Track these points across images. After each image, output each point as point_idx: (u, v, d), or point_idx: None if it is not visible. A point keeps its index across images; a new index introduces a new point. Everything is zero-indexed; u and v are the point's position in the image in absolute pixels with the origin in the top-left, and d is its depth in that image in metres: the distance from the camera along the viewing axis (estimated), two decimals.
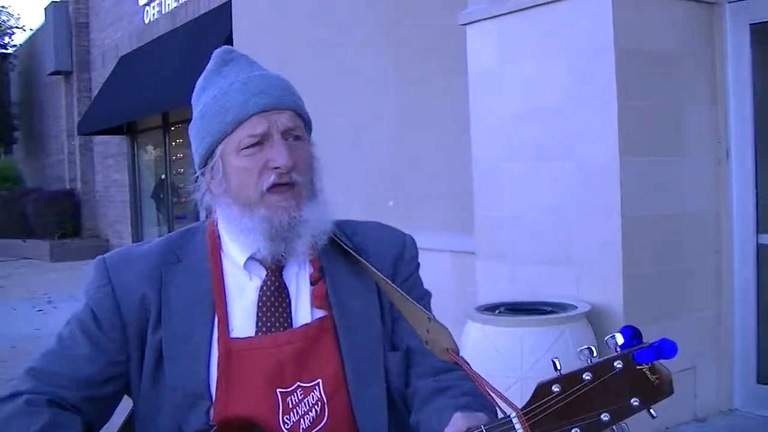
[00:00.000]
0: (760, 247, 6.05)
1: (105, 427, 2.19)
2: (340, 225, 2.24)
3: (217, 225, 2.20)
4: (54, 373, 2.07)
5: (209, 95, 2.12)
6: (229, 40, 12.62)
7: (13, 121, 28.82)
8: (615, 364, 1.61)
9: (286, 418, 2.05)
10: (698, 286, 6.02)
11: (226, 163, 2.08)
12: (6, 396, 2.07)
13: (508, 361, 5.18)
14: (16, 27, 35.17)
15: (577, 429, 1.63)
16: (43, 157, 27.71)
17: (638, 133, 5.66)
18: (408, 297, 2.06)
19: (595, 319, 5.60)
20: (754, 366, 6.05)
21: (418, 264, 2.33)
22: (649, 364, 1.60)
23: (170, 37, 17.84)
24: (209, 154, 2.12)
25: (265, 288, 2.13)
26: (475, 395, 2.06)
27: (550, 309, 5.66)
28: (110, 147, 22.44)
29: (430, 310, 2.26)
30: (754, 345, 6.06)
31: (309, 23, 9.85)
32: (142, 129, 20.82)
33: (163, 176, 20.21)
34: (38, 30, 27.09)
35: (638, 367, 1.60)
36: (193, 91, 2.16)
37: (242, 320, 2.11)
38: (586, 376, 1.62)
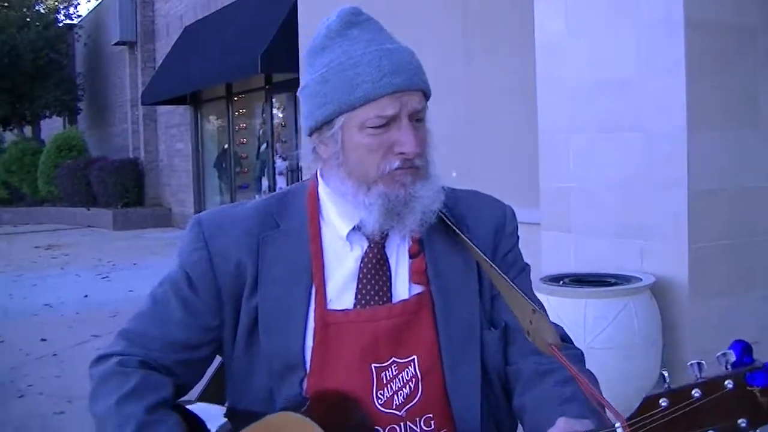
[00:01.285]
0: None
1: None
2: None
3: (318, 190, 2.15)
4: (147, 335, 2.07)
5: (334, 58, 2.01)
6: (294, 11, 12.65)
7: (78, 91, 29.08)
8: (726, 383, 1.57)
9: (380, 393, 2.02)
10: (764, 260, 5.97)
11: (347, 137, 2.00)
12: (98, 357, 2.09)
13: (572, 332, 5.09)
14: None
15: None
16: (107, 127, 27.98)
17: (707, 106, 5.61)
18: (514, 285, 1.99)
19: (659, 292, 5.59)
20: None
21: (518, 237, 2.28)
22: (760, 387, 1.57)
23: (234, 7, 17.89)
24: (327, 122, 2.01)
25: (366, 260, 2.08)
26: (577, 385, 2.01)
27: (614, 281, 5.65)
28: (174, 117, 22.61)
29: (530, 282, 2.25)
30: None
31: None
32: (205, 99, 20.94)
33: (226, 146, 20.33)
34: (103, 1, 27.30)
35: (749, 389, 1.57)
36: (257, 62, 2.08)
37: (340, 291, 2.07)
38: (696, 393, 1.58)
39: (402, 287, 2.09)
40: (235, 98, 19.62)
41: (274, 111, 17.75)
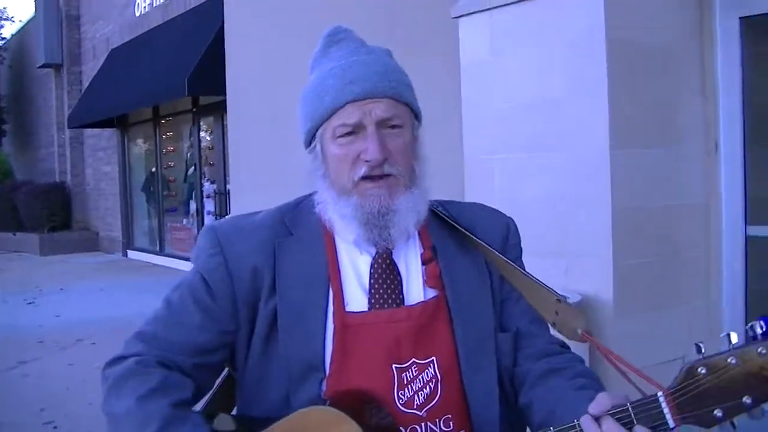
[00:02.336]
0: (748, 239, 6.09)
1: None
2: (445, 205, 2.28)
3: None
4: (164, 338, 2.10)
5: (313, 77, 2.17)
6: (221, 33, 12.63)
7: (2, 114, 28.73)
8: (759, 350, 1.69)
9: (401, 394, 2.07)
10: (688, 276, 6.06)
11: (325, 147, 2.13)
12: (113, 359, 2.11)
13: None
14: (5, 19, 35.10)
15: (720, 410, 1.72)
16: (33, 150, 27.68)
17: (629, 125, 5.69)
18: (533, 276, 2.11)
19: (585, 309, 5.64)
20: None
21: (521, 249, 2.40)
22: None
23: (161, 30, 17.84)
24: (311, 137, 2.16)
25: (375, 265, 2.15)
26: (590, 377, 2.13)
27: None
28: (101, 140, 22.44)
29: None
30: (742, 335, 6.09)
31: (301, 16, 9.86)
32: (132, 122, 20.83)
33: (153, 169, 20.23)
34: (28, 22, 27.04)
35: None
36: (184, 84, 2.18)
37: (356, 295, 2.14)
38: (731, 360, 1.70)
39: (416, 291, 2.17)
40: (163, 121, 19.55)
41: (202, 134, 17.71)
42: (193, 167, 18.04)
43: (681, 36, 6.03)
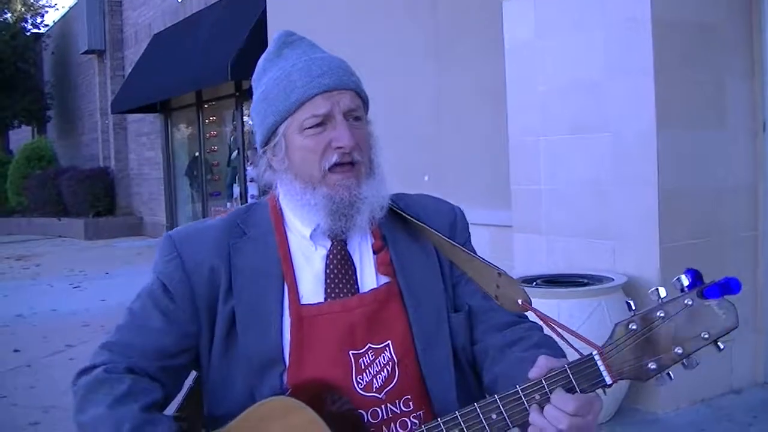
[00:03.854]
0: None
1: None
2: (395, 198, 2.30)
3: (278, 200, 2.27)
4: (129, 345, 2.15)
5: (271, 77, 2.19)
6: (263, 18, 12.65)
7: (47, 100, 28.93)
8: (686, 301, 1.79)
9: (359, 379, 2.12)
10: (735, 258, 6.02)
11: (289, 141, 2.16)
12: (81, 370, 2.15)
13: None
14: (49, 6, 35.32)
15: (653, 362, 1.82)
16: (77, 136, 27.85)
17: (675, 105, 5.66)
18: (474, 254, 2.15)
19: (631, 291, 5.63)
20: None
21: (470, 234, 2.40)
22: (717, 299, 1.78)
23: (203, 15, 17.85)
24: (271, 134, 2.19)
25: (331, 257, 2.20)
26: (547, 345, 2.15)
27: (586, 281, 5.69)
28: (144, 125, 22.53)
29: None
30: None
31: (345, 1, 9.87)
32: (175, 107, 20.88)
33: (196, 154, 20.26)
34: (71, 9, 27.18)
35: (707, 303, 1.78)
36: (226, 69, 2.21)
37: (311, 287, 2.18)
38: (660, 313, 1.80)
39: (369, 279, 2.22)
40: (205, 106, 19.57)
41: (245, 118, 17.72)
42: (236, 151, 18.06)
43: (728, 15, 5.98)
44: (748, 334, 6.04)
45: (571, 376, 1.84)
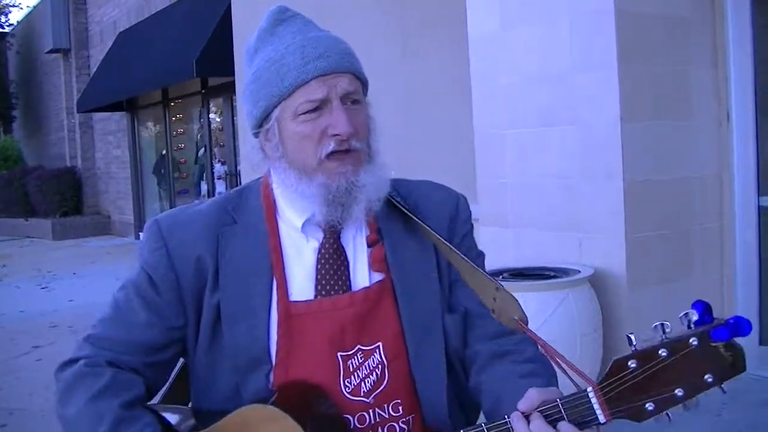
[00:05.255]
0: (761, 210, 6.08)
1: None
2: (395, 184, 2.20)
3: (271, 187, 2.17)
4: (113, 339, 2.08)
5: (263, 57, 2.07)
6: (228, 14, 12.61)
7: (12, 100, 28.74)
8: (691, 341, 1.64)
9: (347, 382, 2.05)
10: (701, 249, 6.05)
11: (283, 127, 2.05)
12: (64, 363, 2.09)
13: None
14: (13, 5, 35.09)
15: (651, 404, 1.68)
16: (44, 136, 27.66)
17: (640, 97, 5.67)
18: (475, 265, 2.04)
19: (598, 283, 5.64)
20: (757, 328, 6.07)
21: (472, 224, 2.32)
22: (724, 342, 1.64)
23: (168, 12, 17.77)
24: (264, 117, 2.08)
25: (323, 251, 2.11)
26: (538, 361, 2.08)
27: (553, 274, 5.69)
28: (110, 123, 22.40)
29: (485, 270, 2.24)
30: (756, 307, 6.09)
31: None
32: (141, 105, 20.76)
33: (164, 152, 20.16)
34: (35, 8, 27.00)
35: (713, 345, 1.64)
36: (192, 66, 2.11)
37: (301, 283, 2.10)
38: (662, 353, 1.66)
39: (362, 276, 2.13)
40: (172, 103, 19.49)
41: (212, 115, 17.67)
42: (203, 149, 18.00)
43: (692, 6, 6.00)
44: None
45: (563, 411, 1.73)
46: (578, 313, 5.37)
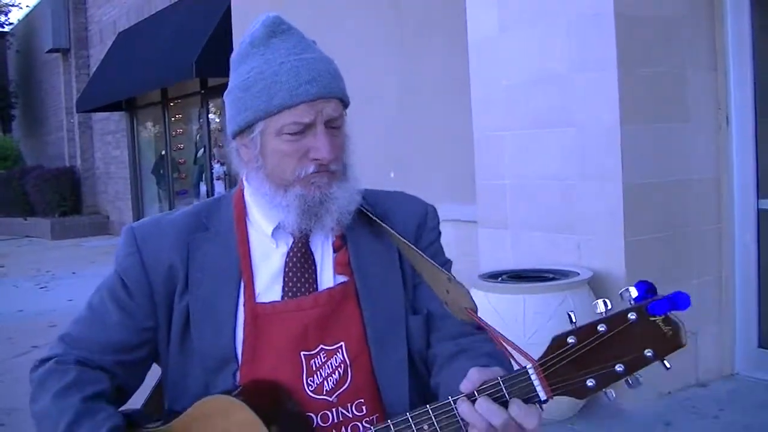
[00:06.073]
0: (760, 212, 6.07)
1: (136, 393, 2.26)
2: (365, 194, 2.24)
3: (243, 193, 2.23)
4: (85, 338, 2.15)
5: (254, 67, 2.09)
6: (228, 15, 12.61)
7: (11, 99, 28.75)
8: (629, 315, 1.64)
9: (310, 380, 2.09)
10: (700, 251, 6.04)
11: (265, 141, 2.08)
12: (37, 362, 2.16)
13: (512, 328, 5.21)
14: (12, 5, 35.07)
15: (592, 379, 1.68)
16: (43, 135, 27.67)
17: (639, 99, 5.67)
18: (428, 258, 2.09)
19: (597, 285, 5.64)
20: (755, 330, 6.09)
21: (440, 233, 2.35)
22: (663, 316, 1.64)
23: (168, 12, 17.77)
24: (247, 127, 2.10)
25: (291, 254, 2.16)
26: (494, 356, 2.08)
27: (552, 276, 5.69)
28: (109, 124, 22.41)
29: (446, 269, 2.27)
30: (755, 309, 6.09)
31: None
32: (141, 105, 20.77)
33: (163, 152, 20.17)
34: (35, 8, 27.01)
35: (652, 319, 1.64)
36: (191, 66, 2.13)
37: (268, 285, 2.15)
38: (601, 328, 1.65)
39: (327, 278, 2.18)
40: (171, 104, 19.49)
41: (211, 116, 17.67)
42: (202, 149, 18.01)
43: (690, 9, 5.99)
44: (712, 327, 6.07)
45: (504, 389, 1.73)
46: (577, 316, 5.36)
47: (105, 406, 2.06)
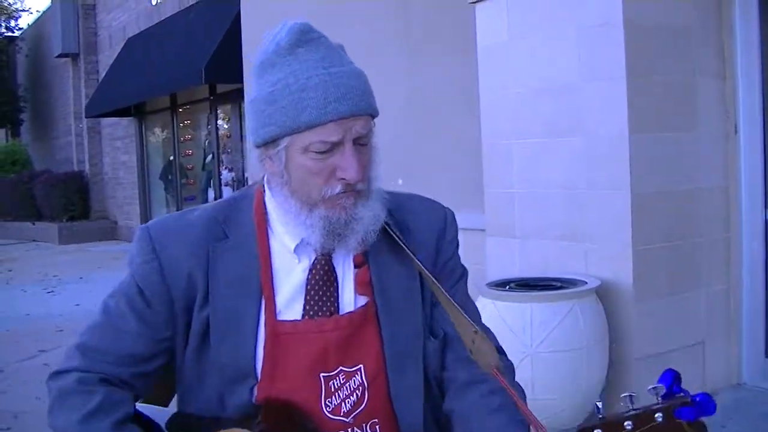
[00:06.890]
0: None
1: None
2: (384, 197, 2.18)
3: (264, 199, 2.18)
4: (103, 350, 2.09)
5: (280, 78, 2.01)
6: (237, 21, 12.63)
7: (20, 103, 28.81)
8: (656, 416, 1.65)
9: (328, 401, 2.08)
10: (707, 260, 6.03)
11: (290, 156, 2.02)
12: (55, 372, 2.10)
13: (519, 337, 5.21)
14: (22, 10, 35.19)
15: None
16: (51, 140, 27.72)
17: (647, 108, 5.66)
18: (456, 304, 2.07)
19: (604, 294, 5.63)
20: (762, 340, 6.07)
21: (458, 243, 2.33)
22: (687, 421, 1.66)
23: (177, 18, 17.81)
24: (271, 141, 2.04)
25: (314, 271, 2.13)
26: (506, 394, 2.06)
27: (559, 285, 5.68)
28: (118, 129, 22.45)
29: (466, 288, 2.30)
30: (762, 319, 6.08)
31: (318, 2, 9.85)
32: (149, 111, 20.81)
33: (171, 158, 20.20)
34: (44, 13, 27.07)
35: (677, 421, 1.66)
36: (201, 72, 2.09)
37: (289, 302, 2.12)
38: (628, 425, 1.65)
39: (349, 298, 2.15)
40: (180, 109, 19.52)
41: (219, 122, 17.69)
42: (210, 155, 18.03)
43: (699, 18, 5.99)
44: (720, 336, 6.06)
45: None
46: (584, 325, 5.35)
47: (134, 428, 2.04)
